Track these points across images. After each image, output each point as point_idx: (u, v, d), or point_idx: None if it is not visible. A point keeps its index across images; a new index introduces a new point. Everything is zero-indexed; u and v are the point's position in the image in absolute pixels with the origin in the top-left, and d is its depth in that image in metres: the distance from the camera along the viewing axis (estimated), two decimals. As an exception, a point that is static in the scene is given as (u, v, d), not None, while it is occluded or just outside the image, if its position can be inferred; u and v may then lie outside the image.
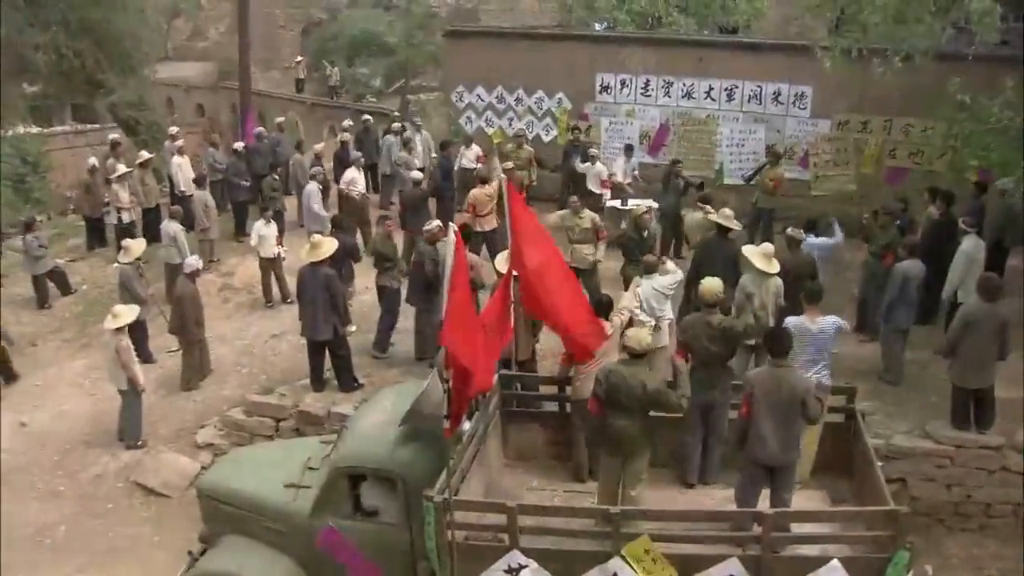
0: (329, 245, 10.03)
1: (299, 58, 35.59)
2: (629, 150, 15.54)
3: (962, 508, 8.68)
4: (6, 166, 22.97)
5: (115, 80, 25.70)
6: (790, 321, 8.00)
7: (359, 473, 6.93)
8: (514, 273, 7.44)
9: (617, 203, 14.95)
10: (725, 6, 19.98)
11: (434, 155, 16.38)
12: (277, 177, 15.04)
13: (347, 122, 18.95)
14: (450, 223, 8.14)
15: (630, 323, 8.10)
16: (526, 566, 6.09)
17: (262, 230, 13.05)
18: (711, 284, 7.70)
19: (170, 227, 13.16)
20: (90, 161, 16.03)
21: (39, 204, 21.06)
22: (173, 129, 18.66)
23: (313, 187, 14.02)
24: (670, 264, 10.36)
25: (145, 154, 16.10)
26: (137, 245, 12.00)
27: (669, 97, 16.53)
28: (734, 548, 6.00)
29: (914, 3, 11.09)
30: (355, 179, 14.93)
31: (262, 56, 38.02)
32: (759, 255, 9.07)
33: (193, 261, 11.51)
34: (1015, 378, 9.34)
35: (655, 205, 15.36)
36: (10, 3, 22.97)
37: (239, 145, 16.44)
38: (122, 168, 15.18)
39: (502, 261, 8.53)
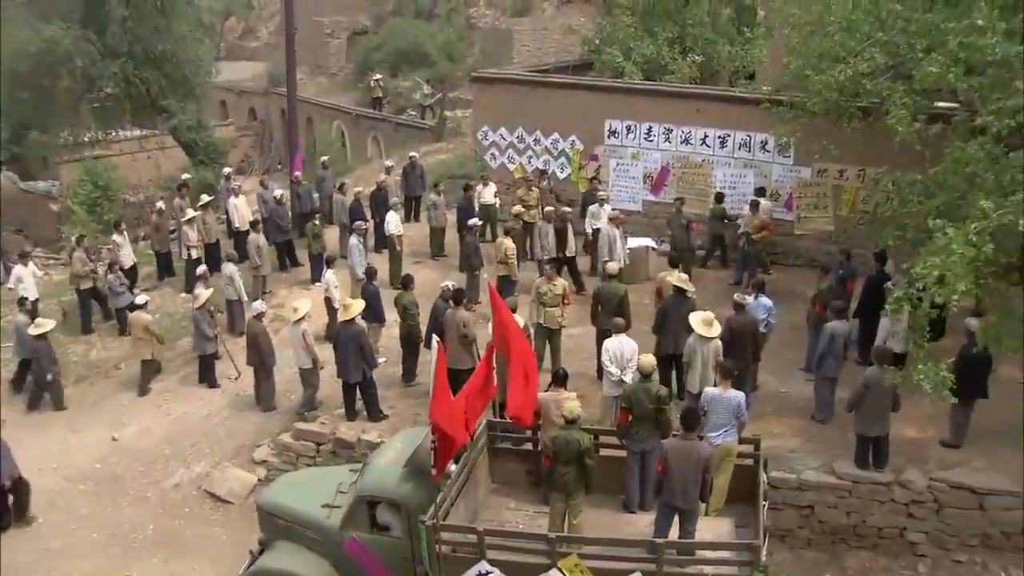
0: (357, 306, 12.30)
1: (377, 76, 35.03)
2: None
3: (859, 530, 10.55)
4: (80, 190, 25.72)
5: (176, 105, 28.18)
6: (708, 391, 9.89)
7: (375, 500, 9.24)
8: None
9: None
10: (730, 53, 21.56)
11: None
12: (318, 222, 17.08)
13: (388, 162, 20.85)
14: (434, 336, 9.92)
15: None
16: (491, 572, 8.34)
17: (334, 277, 14.82)
18: (647, 360, 9.86)
19: (227, 268, 15.58)
20: (158, 204, 18.60)
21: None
22: (227, 170, 21.13)
23: (354, 241, 15.70)
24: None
25: (205, 197, 18.54)
26: (206, 293, 14.25)
27: (669, 142, 18.29)
28: (639, 564, 8.13)
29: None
30: (397, 223, 16.98)
31: (310, 62, 40.11)
32: (700, 322, 10.89)
33: (259, 305, 13.71)
34: (916, 420, 11.36)
35: (653, 244, 17.48)
36: (84, 36, 25.59)
37: (278, 193, 18.35)
38: (191, 212, 17.66)
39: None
